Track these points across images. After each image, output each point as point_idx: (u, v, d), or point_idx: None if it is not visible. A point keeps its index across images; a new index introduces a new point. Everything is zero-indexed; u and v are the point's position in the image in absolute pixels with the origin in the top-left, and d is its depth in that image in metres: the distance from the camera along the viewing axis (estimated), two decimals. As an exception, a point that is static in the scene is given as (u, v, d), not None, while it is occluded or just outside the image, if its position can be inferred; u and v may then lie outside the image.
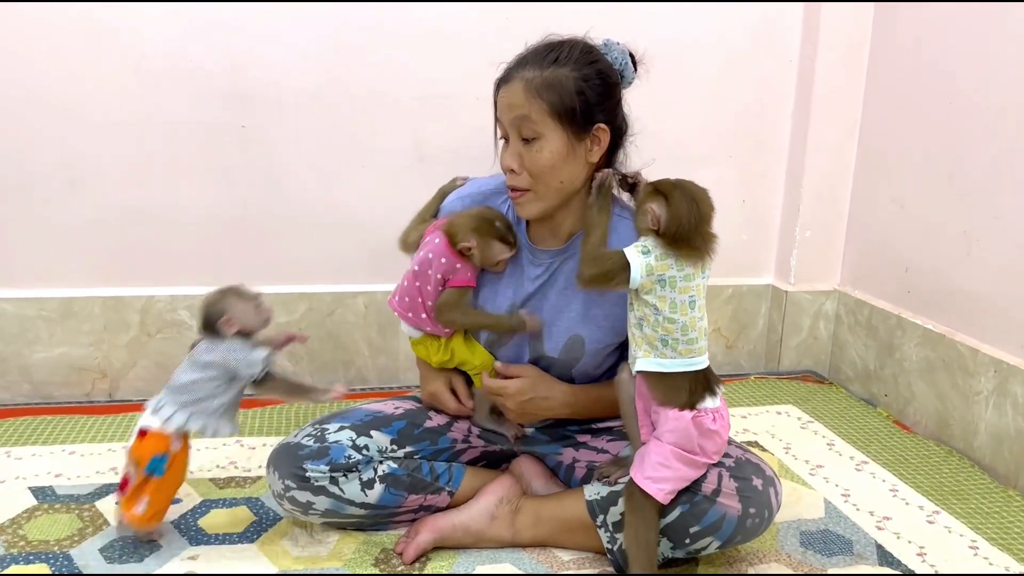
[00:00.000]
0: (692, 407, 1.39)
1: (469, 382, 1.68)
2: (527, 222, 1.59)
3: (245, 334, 1.53)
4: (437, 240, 1.55)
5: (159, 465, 1.48)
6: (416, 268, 1.57)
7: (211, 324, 1.52)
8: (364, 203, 2.32)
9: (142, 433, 1.49)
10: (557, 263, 1.58)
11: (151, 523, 1.52)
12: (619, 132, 1.52)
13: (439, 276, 1.55)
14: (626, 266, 1.36)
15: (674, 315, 1.37)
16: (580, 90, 1.43)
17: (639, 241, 1.39)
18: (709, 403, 1.40)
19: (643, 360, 1.40)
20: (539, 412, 1.59)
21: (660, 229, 1.36)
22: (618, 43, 1.51)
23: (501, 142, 1.52)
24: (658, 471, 1.39)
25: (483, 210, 1.58)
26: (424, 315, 1.59)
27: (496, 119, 1.51)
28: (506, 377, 1.58)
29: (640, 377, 1.43)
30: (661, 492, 1.38)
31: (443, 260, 1.55)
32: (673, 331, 1.37)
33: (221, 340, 1.51)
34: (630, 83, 1.53)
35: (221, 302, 1.52)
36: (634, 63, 1.52)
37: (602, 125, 1.46)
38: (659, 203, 1.35)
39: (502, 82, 1.48)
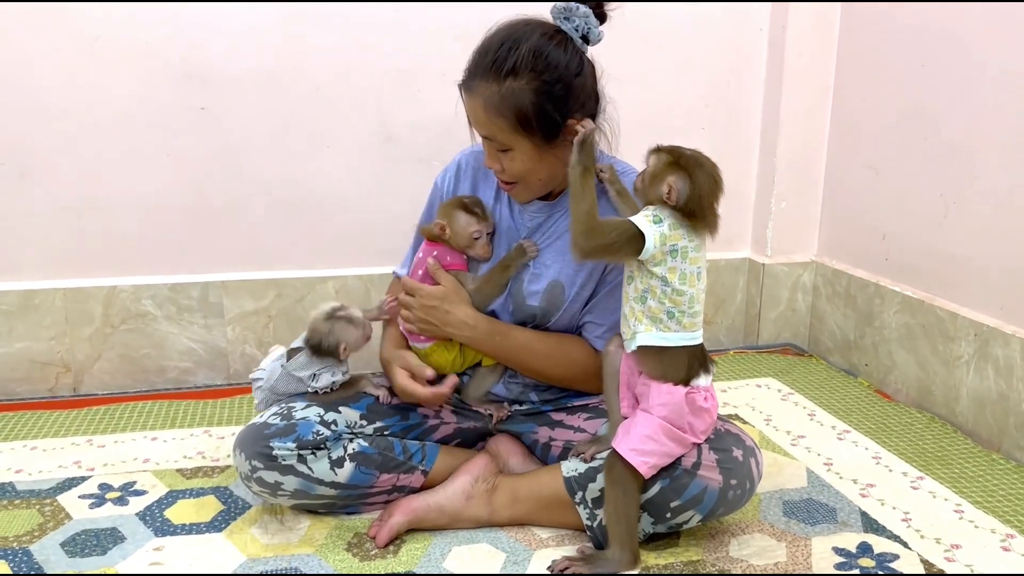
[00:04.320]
0: (687, 383, 1.36)
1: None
2: None
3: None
4: (423, 245, 1.63)
5: None
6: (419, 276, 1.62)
7: (319, 348, 1.58)
8: (330, 185, 2.26)
9: None
10: (544, 216, 1.58)
11: None
12: (594, 107, 1.49)
13: (420, 272, 1.59)
14: (635, 237, 1.32)
15: (683, 287, 1.34)
16: (538, 102, 1.39)
17: (647, 210, 1.35)
18: (703, 381, 1.38)
19: (644, 335, 1.36)
20: (438, 322, 1.54)
21: (677, 204, 1.32)
22: (579, 6, 1.43)
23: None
24: (645, 444, 1.35)
25: (454, 197, 1.62)
26: None
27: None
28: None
29: (634, 352, 1.40)
30: (645, 465, 1.34)
31: (430, 255, 1.59)
32: (681, 303, 1.34)
33: (318, 359, 1.59)
34: (598, 42, 1.47)
35: (334, 333, 1.58)
36: (601, 17, 1.46)
37: (571, 120, 1.42)
38: (681, 178, 1.31)
39: (464, 89, 1.46)
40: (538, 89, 1.39)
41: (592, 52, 1.49)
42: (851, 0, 2.34)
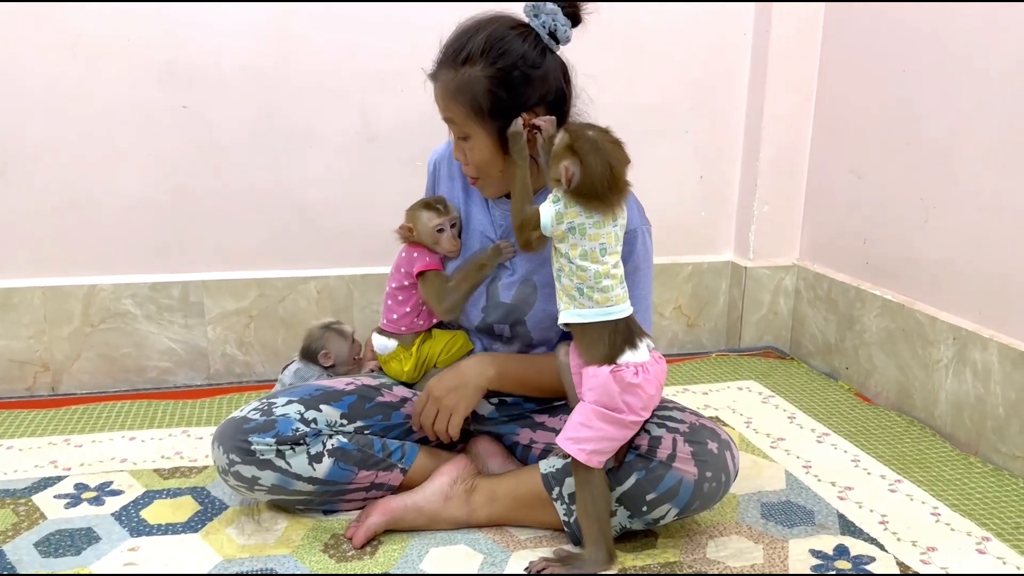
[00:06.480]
0: (612, 361, 1.35)
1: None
2: None
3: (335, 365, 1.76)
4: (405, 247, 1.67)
5: None
6: (392, 275, 1.66)
7: (310, 354, 1.75)
8: (313, 185, 2.25)
9: None
10: None
11: None
12: (557, 101, 1.48)
13: (402, 270, 1.63)
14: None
15: (585, 263, 1.34)
16: (491, 88, 1.42)
17: (552, 192, 1.37)
18: (630, 356, 1.35)
19: (565, 312, 1.38)
20: (461, 386, 1.54)
21: (571, 188, 1.32)
22: (547, 3, 1.43)
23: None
24: (579, 431, 1.35)
25: (419, 199, 1.66)
26: (407, 309, 1.64)
27: None
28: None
29: (573, 341, 1.41)
30: (583, 452, 1.34)
31: (402, 255, 1.64)
32: (587, 279, 1.34)
33: (311, 367, 1.74)
34: (567, 41, 1.47)
35: (322, 339, 1.74)
36: (573, 17, 1.45)
37: (525, 113, 1.43)
38: (574, 163, 1.31)
39: (431, 78, 1.49)
40: (492, 76, 1.41)
41: (577, 53, 1.50)
42: (834, 0, 2.35)
